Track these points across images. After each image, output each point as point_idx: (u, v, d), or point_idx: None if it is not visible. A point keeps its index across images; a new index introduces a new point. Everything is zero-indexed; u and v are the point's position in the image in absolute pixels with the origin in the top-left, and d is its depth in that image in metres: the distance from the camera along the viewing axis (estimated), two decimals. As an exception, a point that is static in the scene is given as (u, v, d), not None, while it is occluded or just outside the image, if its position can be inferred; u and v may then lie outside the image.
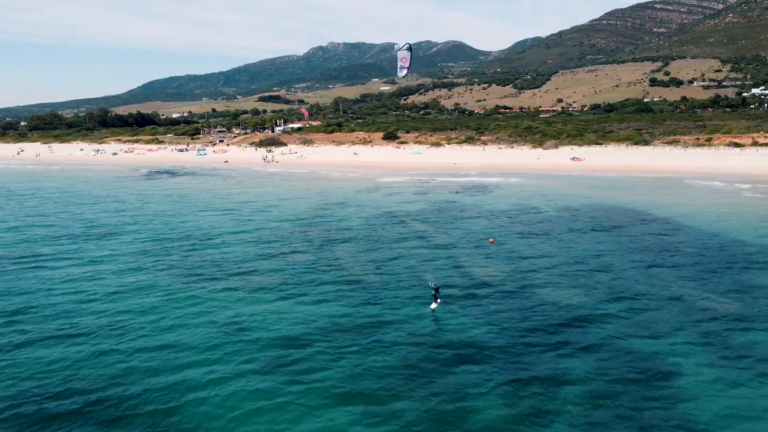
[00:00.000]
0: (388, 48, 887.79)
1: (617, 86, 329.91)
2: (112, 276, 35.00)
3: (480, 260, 38.44)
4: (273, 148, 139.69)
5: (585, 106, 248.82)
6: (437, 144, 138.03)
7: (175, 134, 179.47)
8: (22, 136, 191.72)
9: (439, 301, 28.61)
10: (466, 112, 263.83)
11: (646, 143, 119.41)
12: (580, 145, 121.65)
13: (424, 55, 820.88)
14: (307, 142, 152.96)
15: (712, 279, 33.37)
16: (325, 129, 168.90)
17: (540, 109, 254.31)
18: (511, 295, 31.12)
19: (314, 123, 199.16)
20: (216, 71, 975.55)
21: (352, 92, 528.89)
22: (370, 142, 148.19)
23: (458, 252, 40.69)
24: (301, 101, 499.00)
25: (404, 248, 41.57)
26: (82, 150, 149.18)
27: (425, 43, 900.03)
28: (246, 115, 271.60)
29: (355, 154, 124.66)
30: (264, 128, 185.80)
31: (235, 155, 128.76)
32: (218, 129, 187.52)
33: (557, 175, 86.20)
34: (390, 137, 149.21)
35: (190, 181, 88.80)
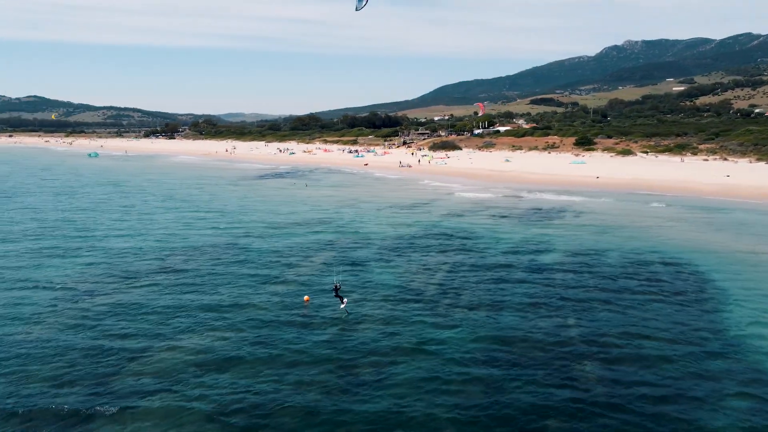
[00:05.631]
0: (694, 44, 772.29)
1: None
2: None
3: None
4: (431, 152, 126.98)
5: None
6: (626, 152, 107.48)
7: (375, 136, 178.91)
8: (261, 136, 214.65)
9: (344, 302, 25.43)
10: (752, 115, 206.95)
11: None
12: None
13: (740, 50, 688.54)
14: (487, 146, 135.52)
15: None
16: (515, 133, 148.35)
17: None
18: None
19: (526, 126, 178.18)
20: (503, 75, 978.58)
21: (635, 94, 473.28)
22: (557, 148, 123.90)
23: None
24: (575, 104, 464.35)
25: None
26: (279, 150, 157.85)
27: (743, 36, 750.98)
28: (461, 119, 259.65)
29: (506, 160, 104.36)
30: (462, 131, 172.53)
31: (379, 159, 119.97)
32: (419, 131, 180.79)
33: None
34: (583, 143, 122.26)
35: (275, 184, 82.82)
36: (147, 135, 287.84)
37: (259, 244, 39.02)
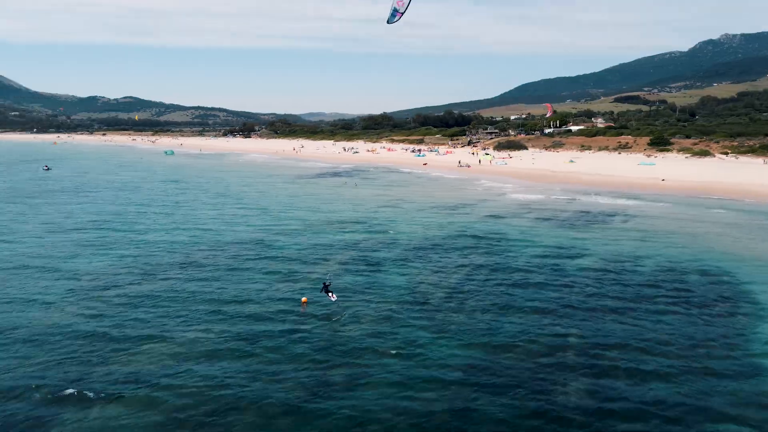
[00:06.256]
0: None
1: None
2: None
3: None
4: (494, 152, 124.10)
5: None
6: (703, 153, 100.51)
7: (442, 135, 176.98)
8: (331, 135, 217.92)
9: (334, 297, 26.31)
10: None
11: None
12: None
13: None
14: (555, 146, 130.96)
15: None
16: (587, 132, 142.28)
17: None
18: None
19: (602, 125, 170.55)
20: (588, 72, 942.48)
21: (731, 91, 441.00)
22: (629, 148, 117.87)
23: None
24: (662, 102, 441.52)
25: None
26: (344, 149, 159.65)
27: None
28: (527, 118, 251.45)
29: (570, 161, 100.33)
30: (532, 130, 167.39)
31: (440, 158, 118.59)
32: (488, 131, 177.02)
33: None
34: (657, 143, 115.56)
35: (328, 182, 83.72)
36: (225, 134, 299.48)
37: (285, 242, 39.41)
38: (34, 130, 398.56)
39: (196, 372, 19.30)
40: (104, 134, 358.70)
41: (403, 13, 28.54)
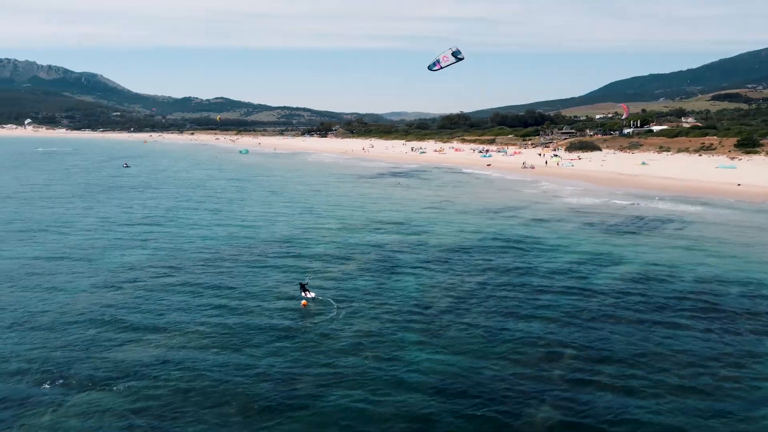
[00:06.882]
0: None
1: None
2: None
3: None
4: (564, 153, 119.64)
5: None
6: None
7: (514, 135, 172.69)
8: (405, 134, 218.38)
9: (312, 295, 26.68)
10: None
11: None
12: None
13: None
14: (632, 147, 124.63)
15: None
16: (668, 133, 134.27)
17: None
18: None
19: (689, 125, 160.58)
20: (684, 69, 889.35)
21: None
22: (712, 149, 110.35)
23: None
24: (765, 99, 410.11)
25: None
26: (411, 149, 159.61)
27: None
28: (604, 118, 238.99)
29: (642, 163, 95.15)
30: (611, 130, 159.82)
31: (505, 159, 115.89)
32: (563, 131, 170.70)
33: None
34: (745, 144, 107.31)
35: (384, 182, 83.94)
36: (302, 134, 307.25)
37: (314, 241, 39.89)
38: (131, 129, 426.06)
39: (181, 363, 19.86)
40: (192, 133, 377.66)
41: (443, 67, 32.37)
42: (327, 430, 16.18)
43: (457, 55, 33.32)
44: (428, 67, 32.37)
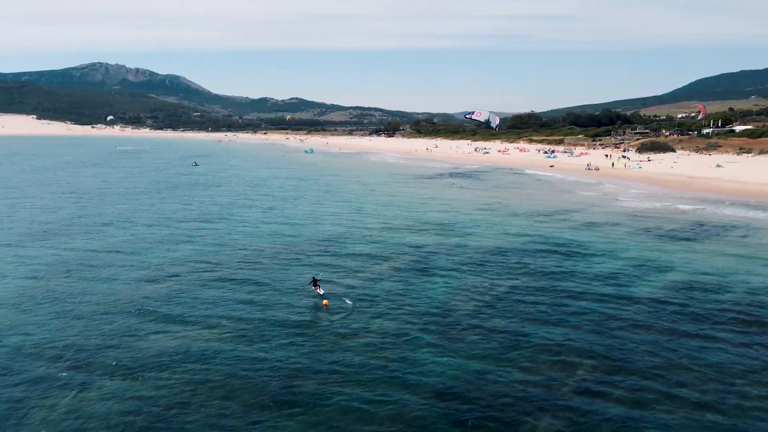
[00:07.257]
0: None
1: None
2: None
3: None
4: (634, 154, 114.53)
5: None
6: None
7: (584, 135, 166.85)
8: (472, 134, 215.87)
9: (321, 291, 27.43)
10: None
11: None
12: None
13: None
14: (709, 148, 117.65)
15: None
16: (751, 133, 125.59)
17: None
18: None
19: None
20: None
21: None
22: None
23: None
24: None
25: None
26: (475, 149, 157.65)
27: None
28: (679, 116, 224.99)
29: (717, 166, 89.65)
30: (689, 130, 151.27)
31: (570, 161, 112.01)
32: (636, 131, 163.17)
33: None
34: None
35: (441, 183, 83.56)
36: (370, 134, 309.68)
37: (355, 241, 40.38)
38: (209, 129, 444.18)
39: (197, 355, 20.77)
40: (265, 133, 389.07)
41: (473, 119, 42.56)
42: (324, 429, 16.42)
43: (487, 121, 41.85)
44: (464, 115, 43.82)
